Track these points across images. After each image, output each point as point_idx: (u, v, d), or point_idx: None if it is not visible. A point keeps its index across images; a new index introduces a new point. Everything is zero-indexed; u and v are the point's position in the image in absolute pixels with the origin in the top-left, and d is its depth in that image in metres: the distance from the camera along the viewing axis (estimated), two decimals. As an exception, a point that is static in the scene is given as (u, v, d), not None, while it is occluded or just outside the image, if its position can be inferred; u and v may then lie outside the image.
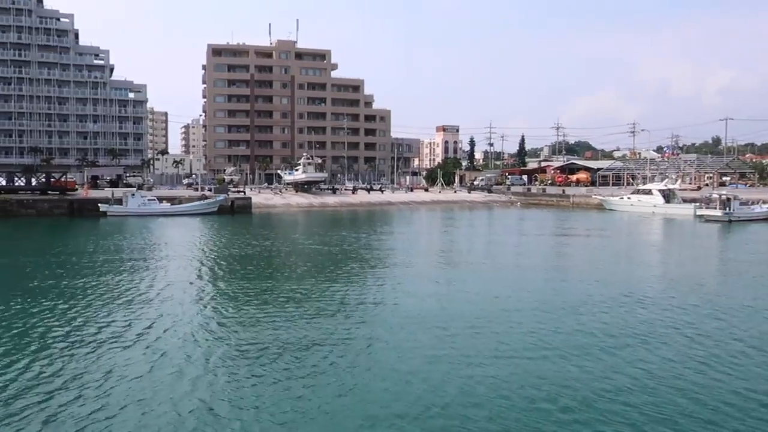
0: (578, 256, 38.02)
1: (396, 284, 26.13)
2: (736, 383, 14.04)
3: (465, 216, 72.27)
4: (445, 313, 20.82)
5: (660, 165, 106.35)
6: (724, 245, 44.24)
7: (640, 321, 19.56)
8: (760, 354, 16.18)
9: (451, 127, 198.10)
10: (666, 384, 13.96)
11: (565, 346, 16.82)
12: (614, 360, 15.68)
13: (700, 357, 15.87)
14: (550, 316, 20.24)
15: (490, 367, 15.19)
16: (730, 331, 18.42)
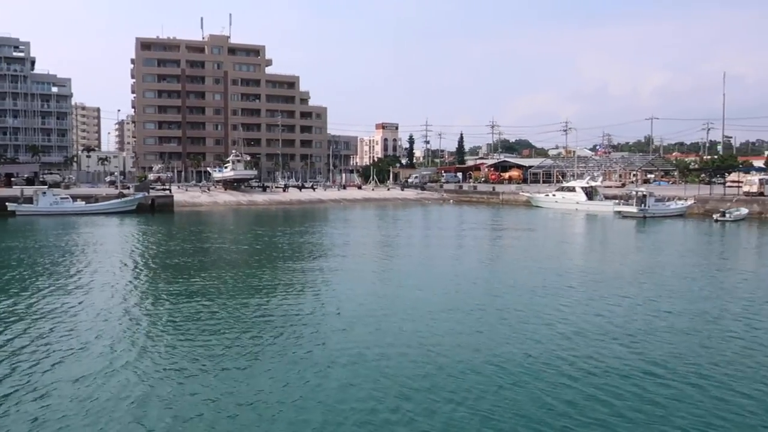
0: (495, 251, 38.05)
1: (318, 282, 25.53)
2: (608, 362, 13.91)
3: (394, 214, 72.00)
4: (374, 309, 20.62)
5: (588, 163, 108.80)
6: (631, 240, 45.16)
7: (534, 310, 19.44)
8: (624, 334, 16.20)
9: (391, 125, 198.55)
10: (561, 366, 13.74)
11: (473, 331, 17.42)
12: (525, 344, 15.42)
13: (564, 335, 15.75)
14: (466, 310, 20.47)
15: (420, 360, 15.21)
16: (604, 318, 18.43)
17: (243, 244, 41.22)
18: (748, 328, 18.23)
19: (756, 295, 23.08)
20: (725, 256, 35.27)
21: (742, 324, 18.65)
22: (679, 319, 19.30)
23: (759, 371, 14.42)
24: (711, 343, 16.76)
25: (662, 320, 19.11)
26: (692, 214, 62.64)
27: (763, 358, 15.47)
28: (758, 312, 20.19)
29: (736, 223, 54.86)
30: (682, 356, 15.51)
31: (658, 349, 16.13)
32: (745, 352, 15.88)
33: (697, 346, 16.46)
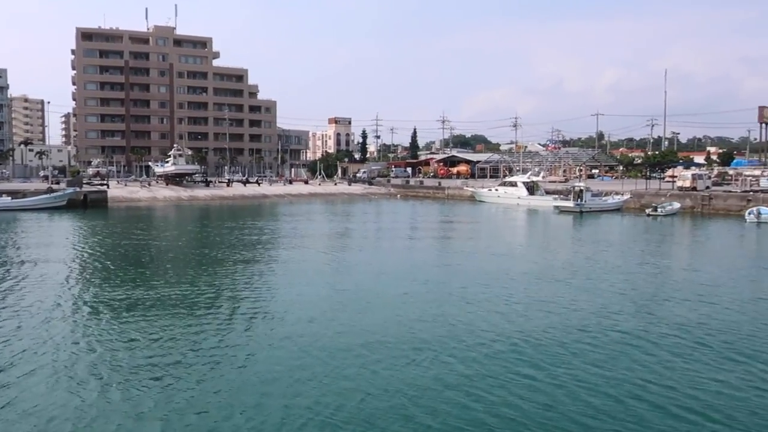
0: (425, 246, 37.67)
1: (252, 278, 24.73)
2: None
3: (337, 209, 71.27)
4: (309, 306, 20.18)
5: (535, 158, 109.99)
6: (561, 235, 45.50)
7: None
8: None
9: (344, 120, 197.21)
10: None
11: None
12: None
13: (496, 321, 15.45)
14: (404, 303, 20.39)
15: (364, 356, 15.03)
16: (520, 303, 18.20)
17: (173, 240, 39.95)
18: (647, 318, 18.21)
19: (655, 285, 23.23)
20: (644, 248, 35.58)
21: (639, 313, 18.65)
22: (579, 310, 19.19)
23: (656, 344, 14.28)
24: (600, 331, 16.63)
25: (571, 312, 18.98)
26: (629, 208, 63.65)
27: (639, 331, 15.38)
28: (652, 300, 20.24)
29: (668, 217, 55.85)
30: (580, 342, 15.43)
31: (566, 336, 16.34)
32: (628, 339, 15.79)
33: (593, 336, 16.32)
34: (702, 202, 60.94)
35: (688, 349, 15.55)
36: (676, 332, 17.06)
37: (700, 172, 68.90)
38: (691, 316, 18.86)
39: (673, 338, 16.52)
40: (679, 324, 17.86)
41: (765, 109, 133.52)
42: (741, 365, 14.40)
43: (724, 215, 56.61)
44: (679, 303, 20.73)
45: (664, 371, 13.97)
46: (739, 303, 20.72)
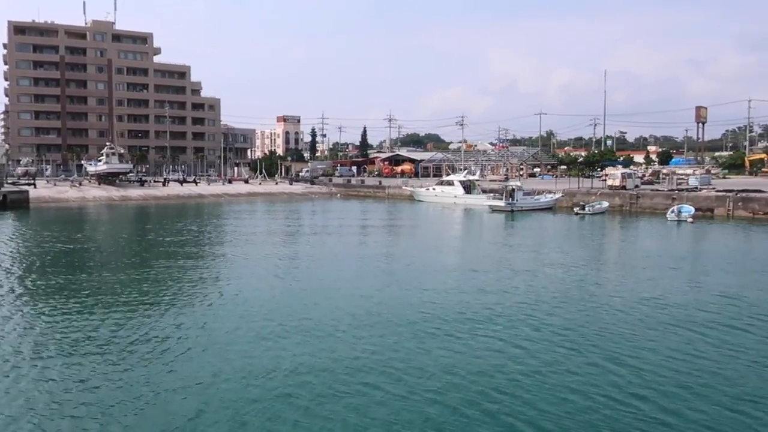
0: (347, 245, 37.00)
1: (151, 287, 23.42)
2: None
3: (273, 209, 70.09)
4: (224, 308, 20.03)
5: (478, 156, 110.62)
6: (485, 233, 45.53)
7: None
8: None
9: (293, 118, 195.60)
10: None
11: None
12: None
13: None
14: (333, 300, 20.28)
15: (309, 354, 15.20)
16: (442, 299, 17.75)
17: (87, 243, 38.19)
18: (540, 315, 17.95)
19: (540, 285, 23.10)
20: (554, 247, 35.65)
21: (534, 311, 18.38)
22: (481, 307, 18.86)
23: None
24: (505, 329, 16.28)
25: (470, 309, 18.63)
26: (561, 207, 64.24)
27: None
28: (555, 298, 20.06)
29: (596, 215, 56.49)
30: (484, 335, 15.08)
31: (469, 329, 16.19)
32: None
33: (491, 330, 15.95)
34: (630, 201, 61.90)
35: (541, 348, 15.33)
36: (539, 333, 16.85)
37: (629, 171, 70.06)
38: (561, 314, 18.71)
39: (533, 340, 16.29)
40: (545, 324, 17.66)
41: (701, 110, 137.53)
42: (599, 368, 14.19)
43: (651, 213, 57.54)
44: (555, 303, 20.57)
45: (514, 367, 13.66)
46: (617, 302, 20.69)
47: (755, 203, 54.04)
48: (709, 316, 19.00)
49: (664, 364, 14.64)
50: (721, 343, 16.36)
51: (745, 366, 14.56)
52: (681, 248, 36.54)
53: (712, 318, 18.82)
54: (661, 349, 15.72)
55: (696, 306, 20.38)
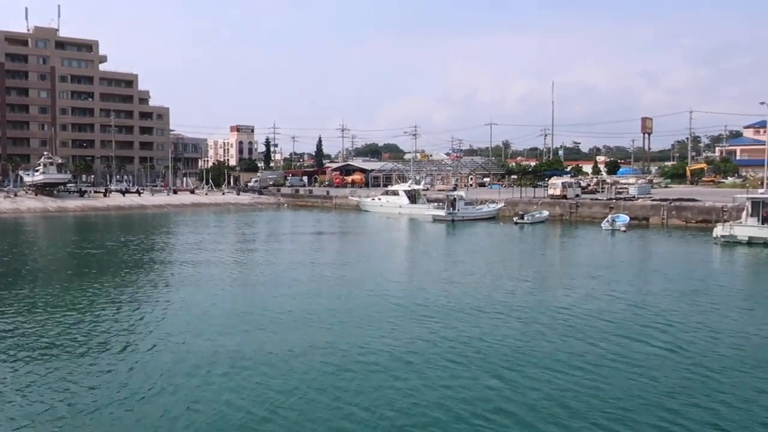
0: (277, 256, 36.18)
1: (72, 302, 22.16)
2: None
3: (216, 220, 68.69)
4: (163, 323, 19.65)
5: (427, 166, 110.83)
6: (420, 244, 45.28)
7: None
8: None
9: (246, 127, 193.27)
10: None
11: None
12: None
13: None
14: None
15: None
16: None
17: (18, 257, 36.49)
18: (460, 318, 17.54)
19: (475, 290, 22.80)
20: (485, 256, 35.55)
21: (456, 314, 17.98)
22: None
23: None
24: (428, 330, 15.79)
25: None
26: (504, 216, 64.45)
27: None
28: (455, 305, 19.71)
29: (535, 225, 56.79)
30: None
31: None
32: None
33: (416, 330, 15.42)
34: (570, 210, 62.58)
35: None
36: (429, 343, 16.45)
37: (569, 181, 70.83)
38: (456, 324, 18.39)
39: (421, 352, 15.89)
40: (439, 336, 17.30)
41: (647, 120, 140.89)
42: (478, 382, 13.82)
43: (589, 222, 58.14)
44: (454, 311, 20.27)
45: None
46: (514, 312, 20.50)
47: (688, 212, 55.13)
48: (606, 325, 18.91)
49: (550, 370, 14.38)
50: (609, 352, 16.22)
51: (620, 374, 14.39)
52: (605, 258, 36.75)
53: (606, 327, 18.73)
54: (550, 355, 15.48)
55: (593, 314, 20.31)
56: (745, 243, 39.91)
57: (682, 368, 15.12)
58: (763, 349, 16.71)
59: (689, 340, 17.52)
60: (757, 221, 41.06)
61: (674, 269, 30.89)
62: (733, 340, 17.48)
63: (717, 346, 16.97)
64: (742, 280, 28.42)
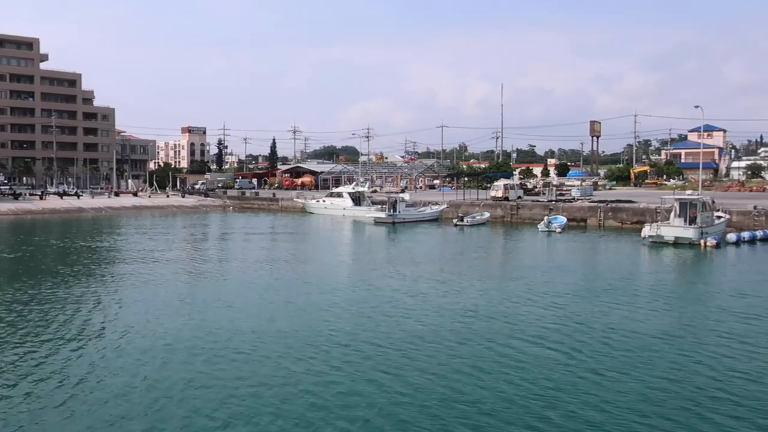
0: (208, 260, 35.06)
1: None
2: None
3: (156, 223, 66.75)
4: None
5: (379, 169, 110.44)
6: (352, 246, 44.74)
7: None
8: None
9: (197, 129, 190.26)
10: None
11: None
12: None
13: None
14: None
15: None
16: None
17: None
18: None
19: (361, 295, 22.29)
20: (413, 259, 35.17)
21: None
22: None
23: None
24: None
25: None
26: (447, 218, 64.30)
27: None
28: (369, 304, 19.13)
29: (474, 227, 56.71)
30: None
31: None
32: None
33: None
34: (511, 212, 62.82)
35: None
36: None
37: (511, 183, 71.31)
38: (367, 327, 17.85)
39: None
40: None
41: (595, 124, 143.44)
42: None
43: (529, 224, 58.30)
44: (363, 313, 19.73)
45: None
46: (415, 313, 20.07)
47: (623, 213, 55.85)
48: (503, 327, 18.60)
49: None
50: (499, 354, 15.86)
51: (501, 377, 14.02)
52: (532, 259, 36.69)
53: (502, 328, 18.42)
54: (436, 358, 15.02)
55: (494, 315, 20.01)
56: (671, 243, 40.48)
57: (567, 368, 14.84)
58: (654, 346, 16.57)
59: (582, 339, 17.34)
60: (684, 222, 41.73)
61: (594, 270, 31.02)
62: (629, 340, 17.35)
63: (607, 345, 16.80)
64: (657, 279, 28.52)
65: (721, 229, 44.12)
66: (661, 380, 14.14)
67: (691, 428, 11.62)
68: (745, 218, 48.78)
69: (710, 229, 41.84)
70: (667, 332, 18.28)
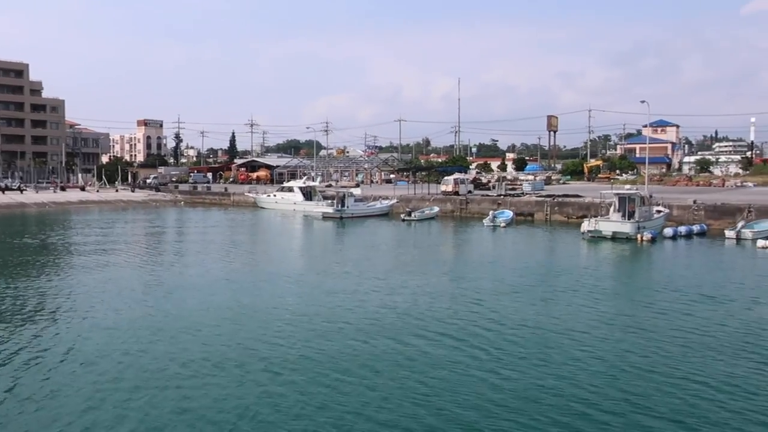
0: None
1: None
2: None
3: (95, 218, 64.97)
4: None
5: (335, 162, 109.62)
6: (294, 241, 44.09)
7: None
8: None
9: (154, 122, 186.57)
10: None
11: None
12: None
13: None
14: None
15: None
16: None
17: None
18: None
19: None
20: (348, 254, 34.72)
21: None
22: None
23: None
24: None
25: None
26: (398, 212, 63.86)
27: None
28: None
29: (423, 221, 56.52)
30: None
31: None
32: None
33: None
34: (460, 206, 62.75)
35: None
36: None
37: (462, 177, 71.26)
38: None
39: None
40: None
41: (552, 119, 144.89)
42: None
43: (478, 218, 58.23)
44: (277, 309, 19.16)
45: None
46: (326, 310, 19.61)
47: (569, 208, 56.17)
48: (412, 325, 18.24)
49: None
50: (398, 353, 15.47)
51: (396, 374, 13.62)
52: (469, 254, 36.69)
53: (408, 326, 18.06)
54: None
55: (402, 312, 19.64)
56: (609, 238, 40.78)
57: (455, 365, 14.53)
58: (553, 342, 16.37)
59: (484, 336, 17.07)
60: (622, 216, 42.07)
61: (527, 265, 30.85)
62: (533, 336, 17.16)
63: (511, 342, 16.57)
64: (585, 274, 28.50)
65: (659, 223, 44.65)
66: (549, 377, 13.93)
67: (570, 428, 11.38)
68: (685, 212, 49.45)
69: (648, 224, 42.27)
70: (573, 328, 18.14)
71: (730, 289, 24.25)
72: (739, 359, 15.25)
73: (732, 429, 11.36)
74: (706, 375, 14.06)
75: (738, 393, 13.00)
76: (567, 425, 11.50)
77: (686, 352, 15.78)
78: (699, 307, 20.94)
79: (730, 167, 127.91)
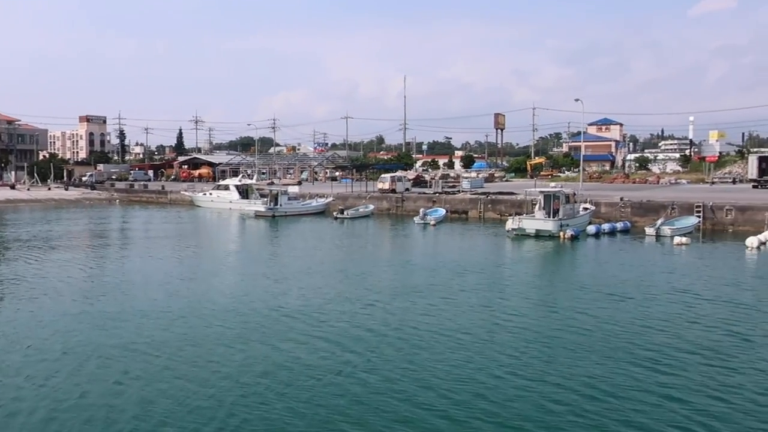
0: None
1: None
2: None
3: (20, 218, 62.43)
4: None
5: (281, 160, 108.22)
6: (222, 242, 43.07)
7: None
8: None
9: (97, 118, 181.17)
10: None
11: None
12: None
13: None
14: None
15: None
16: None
17: None
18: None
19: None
20: (265, 255, 33.96)
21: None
22: None
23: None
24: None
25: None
26: (335, 210, 63.07)
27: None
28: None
29: (355, 219, 55.93)
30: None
31: None
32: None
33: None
34: (396, 204, 62.43)
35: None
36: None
37: (399, 175, 71.06)
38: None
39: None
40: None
41: (500, 116, 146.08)
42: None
43: (413, 215, 57.92)
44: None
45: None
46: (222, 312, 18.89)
47: (502, 205, 56.36)
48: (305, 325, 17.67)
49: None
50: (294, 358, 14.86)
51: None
52: (389, 253, 36.28)
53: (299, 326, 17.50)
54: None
55: (300, 313, 19.05)
56: (533, 235, 40.94)
57: (331, 371, 14.01)
58: (439, 345, 16.01)
59: (374, 340, 16.59)
60: (546, 214, 42.31)
61: (443, 263, 30.58)
62: (426, 338, 16.73)
63: (403, 345, 16.12)
64: (498, 272, 28.46)
65: (584, 220, 45.09)
66: (434, 378, 13.56)
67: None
68: (612, 209, 50.12)
69: (572, 221, 42.62)
70: (468, 330, 17.80)
71: (631, 286, 24.29)
72: (607, 359, 15.11)
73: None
74: (568, 376, 13.86)
75: (596, 394, 12.82)
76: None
77: (555, 354, 15.59)
78: (594, 305, 20.87)
79: (668, 165, 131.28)
